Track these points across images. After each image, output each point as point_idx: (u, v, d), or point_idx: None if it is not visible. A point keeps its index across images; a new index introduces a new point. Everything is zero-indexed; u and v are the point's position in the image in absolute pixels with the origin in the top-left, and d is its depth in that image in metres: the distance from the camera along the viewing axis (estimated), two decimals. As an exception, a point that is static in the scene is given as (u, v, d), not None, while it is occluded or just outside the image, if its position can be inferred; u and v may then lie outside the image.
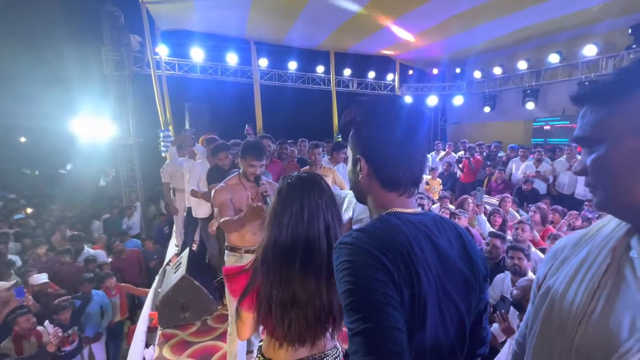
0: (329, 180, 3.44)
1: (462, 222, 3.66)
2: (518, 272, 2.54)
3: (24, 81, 12.75)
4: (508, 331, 1.93)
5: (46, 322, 2.84)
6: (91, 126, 7.86)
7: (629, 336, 0.49)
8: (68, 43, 10.43)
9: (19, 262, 4.12)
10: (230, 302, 2.16)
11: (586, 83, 7.08)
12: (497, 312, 1.96)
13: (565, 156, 5.67)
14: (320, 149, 3.66)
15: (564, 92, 8.09)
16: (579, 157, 5.38)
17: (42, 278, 3.27)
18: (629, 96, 0.50)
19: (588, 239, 0.63)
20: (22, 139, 18.16)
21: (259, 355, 1.17)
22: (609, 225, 0.62)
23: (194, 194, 3.63)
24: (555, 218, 4.30)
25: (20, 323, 2.68)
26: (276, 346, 1.08)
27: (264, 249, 1.08)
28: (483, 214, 3.79)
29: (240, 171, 2.17)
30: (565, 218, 3.96)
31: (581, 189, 5.20)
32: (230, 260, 2.18)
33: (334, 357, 1.15)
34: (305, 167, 3.76)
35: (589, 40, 7.28)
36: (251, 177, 2.09)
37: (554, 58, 7.90)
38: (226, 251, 2.22)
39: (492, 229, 3.64)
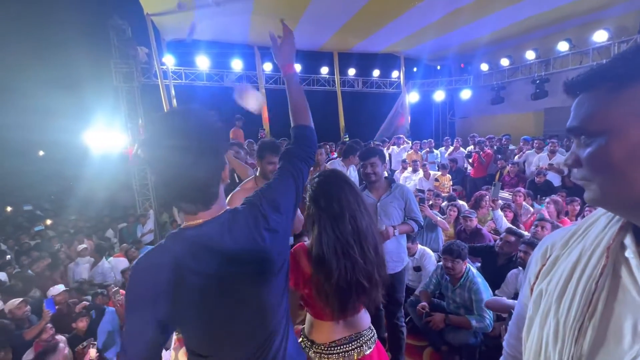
0: None
1: (473, 222, 3.59)
2: (525, 267, 2.48)
3: (41, 97, 13.22)
4: None
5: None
6: (104, 137, 8.07)
7: (633, 341, 0.47)
8: (80, 58, 10.76)
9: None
10: None
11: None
12: (504, 326, 1.90)
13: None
14: (323, 150, 3.65)
15: (576, 80, 7.87)
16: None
17: (59, 288, 3.36)
18: (635, 83, 0.46)
19: (579, 238, 0.60)
20: (41, 153, 18.80)
21: (302, 337, 1.31)
22: (600, 222, 0.58)
23: None
24: (574, 210, 4.17)
25: (41, 335, 2.74)
26: (319, 327, 1.25)
27: (314, 248, 1.19)
28: (499, 210, 3.72)
29: (257, 173, 2.19)
30: (586, 210, 3.81)
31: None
32: None
33: (368, 337, 1.28)
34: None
35: (599, 25, 7.06)
36: (270, 175, 2.10)
37: (563, 46, 7.69)
38: None
39: (509, 225, 3.57)
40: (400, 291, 2.35)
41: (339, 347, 1.23)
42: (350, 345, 1.24)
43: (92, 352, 2.59)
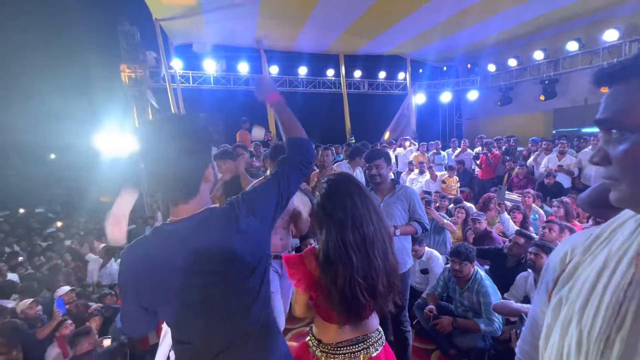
0: None
1: (482, 225, 3.55)
2: (535, 270, 2.45)
3: (52, 101, 13.51)
4: None
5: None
6: (113, 140, 8.20)
7: None
8: (90, 63, 10.98)
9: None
10: None
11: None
12: (514, 330, 1.87)
13: (590, 147, 5.41)
14: (329, 151, 3.66)
15: (585, 80, 7.76)
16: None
17: (64, 289, 3.44)
18: None
19: (602, 243, 0.56)
20: (52, 156, 19.19)
21: (310, 336, 1.34)
22: (627, 225, 0.54)
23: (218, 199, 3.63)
24: (584, 212, 4.10)
25: (61, 330, 2.80)
26: (326, 328, 1.26)
27: (321, 252, 1.20)
28: (506, 213, 3.67)
29: (268, 173, 2.21)
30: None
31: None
32: None
33: (375, 339, 1.28)
34: (315, 172, 3.78)
35: (609, 24, 6.96)
36: None
37: (572, 46, 7.59)
38: None
39: (516, 227, 3.53)
40: (403, 293, 2.34)
41: (345, 348, 1.24)
42: (357, 346, 1.25)
43: (107, 342, 2.65)
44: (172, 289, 0.89)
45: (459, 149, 7.54)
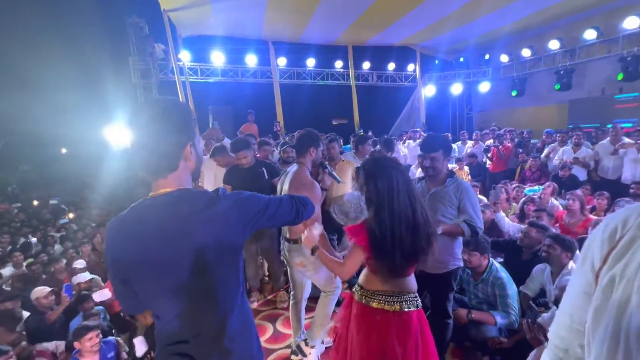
0: (348, 174, 3.38)
1: (486, 215, 3.44)
2: (549, 261, 2.39)
3: (63, 95, 13.68)
4: (535, 341, 1.74)
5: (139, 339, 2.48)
6: (123, 133, 8.27)
7: None
8: (100, 56, 11.03)
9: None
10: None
11: (628, 58, 6.53)
12: (525, 320, 1.81)
13: (609, 138, 5.24)
14: (335, 143, 3.65)
15: (603, 69, 7.52)
16: (625, 139, 4.95)
17: (86, 276, 3.46)
18: None
19: None
20: (63, 150, 19.50)
21: (357, 284, 1.61)
22: None
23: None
24: (601, 205, 3.99)
25: (84, 342, 2.71)
26: (370, 277, 1.54)
27: (371, 226, 1.44)
28: (502, 212, 3.56)
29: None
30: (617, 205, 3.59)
31: (628, 174, 4.80)
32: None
33: (409, 299, 1.51)
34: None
35: (629, 11, 6.70)
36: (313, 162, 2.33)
37: (590, 34, 7.34)
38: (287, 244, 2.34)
39: (513, 224, 3.45)
40: (446, 290, 2.23)
41: (381, 296, 1.50)
42: (392, 298, 1.48)
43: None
44: (140, 262, 0.94)
45: (471, 142, 7.38)
